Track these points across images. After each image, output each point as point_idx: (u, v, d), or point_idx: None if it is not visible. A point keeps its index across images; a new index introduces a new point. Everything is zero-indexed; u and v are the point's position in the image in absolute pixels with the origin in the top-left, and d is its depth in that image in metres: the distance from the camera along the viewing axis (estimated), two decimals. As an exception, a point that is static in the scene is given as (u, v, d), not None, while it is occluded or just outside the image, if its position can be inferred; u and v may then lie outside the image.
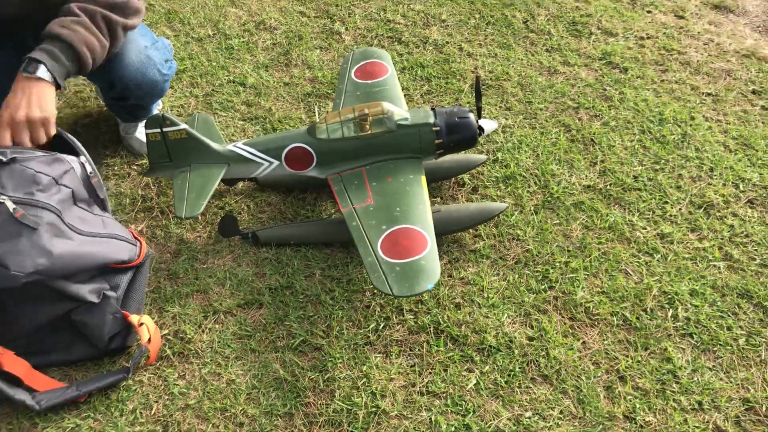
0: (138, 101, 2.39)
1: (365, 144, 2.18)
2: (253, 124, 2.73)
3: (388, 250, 1.91)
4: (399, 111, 2.21)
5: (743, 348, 1.99)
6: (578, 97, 2.91)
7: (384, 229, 1.97)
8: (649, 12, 3.50)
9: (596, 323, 2.05)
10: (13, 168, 1.80)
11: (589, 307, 2.09)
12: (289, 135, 2.25)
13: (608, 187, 2.49)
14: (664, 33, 3.33)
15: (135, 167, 2.54)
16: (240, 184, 2.46)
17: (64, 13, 1.98)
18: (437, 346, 1.98)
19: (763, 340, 2.01)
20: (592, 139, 2.70)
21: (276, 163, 2.23)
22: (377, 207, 2.05)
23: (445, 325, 2.03)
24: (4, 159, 1.81)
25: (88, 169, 1.99)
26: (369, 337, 2.00)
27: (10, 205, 1.72)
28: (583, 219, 2.37)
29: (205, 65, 3.00)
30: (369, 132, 2.18)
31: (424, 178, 2.13)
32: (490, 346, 1.98)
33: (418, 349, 1.97)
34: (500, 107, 2.85)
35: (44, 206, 1.77)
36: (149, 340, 1.88)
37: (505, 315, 2.06)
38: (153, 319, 2.00)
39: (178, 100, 2.82)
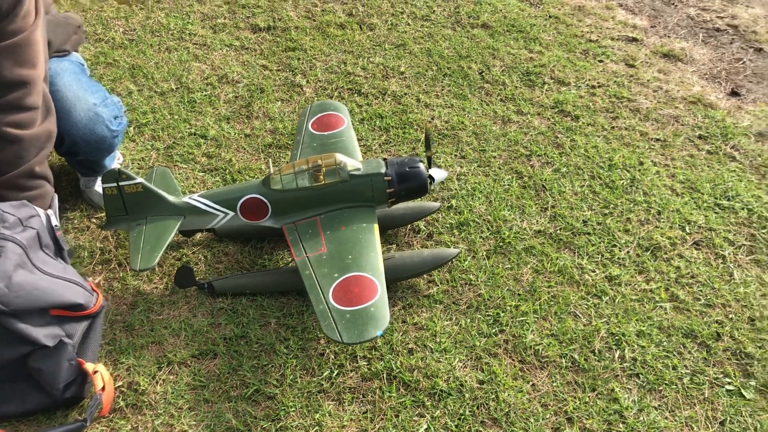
0: (88, 156, 2.44)
1: (319, 194, 2.24)
2: (213, 176, 2.78)
3: (339, 298, 1.95)
4: (352, 162, 2.27)
5: (688, 387, 2.04)
6: (531, 144, 3.00)
7: (336, 277, 2.01)
8: (600, 61, 3.63)
9: (545, 365, 2.10)
10: None
11: (539, 349, 2.13)
12: (243, 186, 2.30)
13: (558, 231, 2.56)
14: (615, 81, 3.46)
15: (94, 220, 2.57)
16: (198, 235, 2.49)
17: None
18: (389, 392, 2.00)
19: (707, 378, 2.06)
20: (543, 186, 2.78)
21: (231, 214, 2.27)
22: (330, 255, 2.09)
23: (397, 371, 2.06)
24: None
25: (53, 221, 2.06)
26: (322, 384, 2.02)
27: None
28: (534, 263, 2.43)
29: (167, 118, 3.06)
30: (322, 182, 2.23)
31: (376, 226, 2.19)
32: (441, 390, 2.01)
33: (371, 396, 2.00)
34: (455, 155, 2.93)
35: (9, 239, 1.85)
36: (103, 388, 1.89)
37: (457, 359, 2.10)
38: (108, 370, 2.01)
39: (139, 153, 2.87)
